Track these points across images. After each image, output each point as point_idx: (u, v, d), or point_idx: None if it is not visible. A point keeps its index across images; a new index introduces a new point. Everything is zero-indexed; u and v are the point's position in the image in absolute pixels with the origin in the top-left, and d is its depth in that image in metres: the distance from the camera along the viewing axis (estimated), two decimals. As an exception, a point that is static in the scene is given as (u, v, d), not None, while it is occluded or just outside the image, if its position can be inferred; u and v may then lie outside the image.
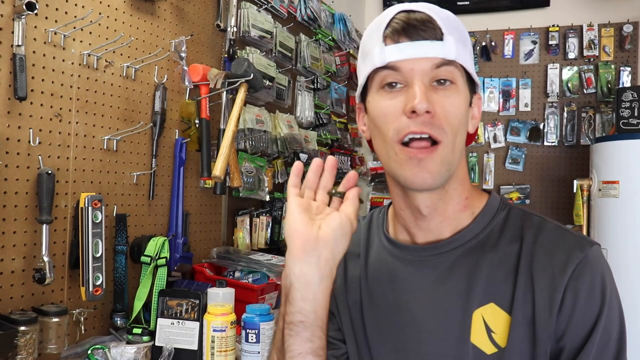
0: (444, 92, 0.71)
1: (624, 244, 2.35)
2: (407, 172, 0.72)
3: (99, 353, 1.34)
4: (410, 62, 0.71)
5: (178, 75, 1.79)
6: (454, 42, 0.71)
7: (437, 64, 0.71)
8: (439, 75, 0.71)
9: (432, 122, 0.70)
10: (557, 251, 0.73)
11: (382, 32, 0.73)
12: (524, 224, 0.77)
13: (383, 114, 0.73)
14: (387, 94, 0.73)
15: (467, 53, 0.75)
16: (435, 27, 0.72)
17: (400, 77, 0.72)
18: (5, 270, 1.24)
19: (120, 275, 1.51)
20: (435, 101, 0.70)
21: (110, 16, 1.53)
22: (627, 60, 3.11)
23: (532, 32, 3.27)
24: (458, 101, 0.73)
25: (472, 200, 0.80)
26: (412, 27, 0.71)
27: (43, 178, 1.28)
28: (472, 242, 0.78)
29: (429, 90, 0.71)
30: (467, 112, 0.75)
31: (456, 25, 0.75)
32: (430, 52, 0.70)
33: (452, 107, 0.71)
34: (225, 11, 2.01)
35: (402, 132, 0.71)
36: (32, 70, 1.30)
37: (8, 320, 1.17)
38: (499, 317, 0.74)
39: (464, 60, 0.73)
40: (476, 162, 3.31)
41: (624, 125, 2.54)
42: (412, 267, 0.80)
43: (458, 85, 0.73)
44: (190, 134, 1.80)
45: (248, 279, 1.79)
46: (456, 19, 0.76)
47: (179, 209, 1.77)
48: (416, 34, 0.71)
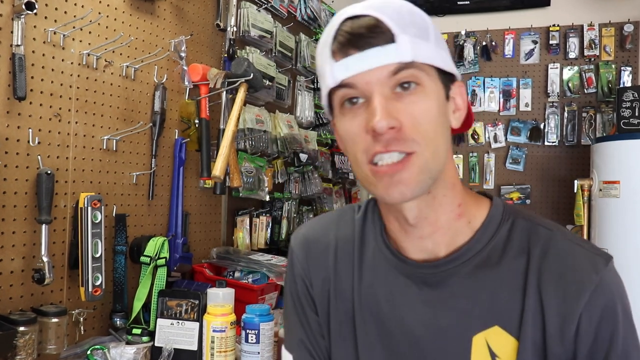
0: (409, 97, 0.65)
1: (624, 244, 2.35)
2: (381, 190, 0.66)
3: (99, 353, 1.34)
4: (365, 75, 0.64)
5: (178, 75, 1.79)
6: (409, 41, 0.64)
7: (394, 71, 0.64)
8: (400, 80, 0.65)
9: (398, 137, 0.64)
10: (569, 271, 0.68)
11: (329, 48, 0.67)
12: (530, 237, 0.71)
13: (349, 136, 0.68)
14: (349, 113, 0.67)
15: (430, 47, 0.67)
16: (385, 30, 0.64)
17: (358, 92, 0.66)
18: (5, 270, 1.24)
19: (119, 275, 1.50)
20: (400, 111, 0.64)
21: (109, 16, 1.53)
22: (628, 60, 3.10)
23: (533, 31, 3.27)
24: (427, 104, 0.66)
25: (468, 207, 0.73)
26: (359, 36, 0.64)
27: (42, 178, 1.28)
28: (474, 259, 0.71)
29: (392, 100, 0.64)
30: (442, 110, 0.68)
31: (412, 19, 0.67)
32: (383, 59, 0.63)
33: (420, 113, 0.65)
34: (225, 11, 2.01)
35: (370, 152, 0.65)
36: (32, 70, 1.30)
37: (7, 321, 1.17)
38: (504, 341, 0.69)
39: (426, 56, 0.66)
40: (477, 162, 3.31)
41: (625, 125, 2.53)
42: (410, 281, 0.74)
43: (425, 85, 0.66)
44: (190, 134, 1.80)
45: (248, 279, 1.79)
46: (412, 11, 0.68)
47: (178, 209, 1.76)
48: (364, 43, 0.64)
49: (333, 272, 0.81)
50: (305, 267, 0.83)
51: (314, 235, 0.85)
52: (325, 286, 0.81)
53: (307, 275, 0.83)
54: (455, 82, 0.72)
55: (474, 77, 3.33)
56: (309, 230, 0.86)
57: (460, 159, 3.34)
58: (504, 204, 0.76)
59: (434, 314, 0.72)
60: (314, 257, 0.83)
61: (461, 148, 3.34)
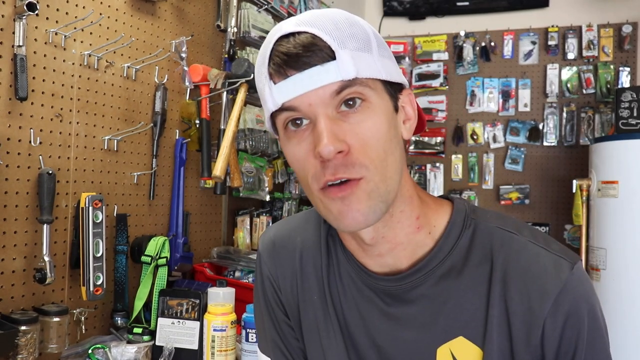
0: (355, 116, 0.61)
1: (623, 244, 2.36)
2: (334, 214, 0.63)
3: (100, 353, 1.34)
4: (306, 97, 0.60)
5: (178, 75, 1.79)
6: (349, 55, 0.60)
7: (337, 90, 0.60)
8: (344, 98, 0.61)
9: (346, 163, 0.60)
10: (533, 277, 0.66)
11: (266, 69, 0.63)
12: (493, 243, 0.69)
13: (297, 161, 0.64)
14: (295, 137, 0.63)
15: (373, 58, 0.63)
16: (323, 47, 0.60)
17: (301, 114, 0.62)
18: (6, 270, 1.24)
19: (120, 275, 1.51)
20: (347, 131, 0.61)
21: (110, 17, 1.54)
22: (626, 61, 3.11)
23: (532, 32, 3.27)
24: (374, 121, 0.62)
25: (427, 217, 0.70)
26: (295, 55, 0.60)
27: (44, 178, 1.29)
28: (437, 269, 0.69)
29: (337, 121, 0.61)
30: (392, 124, 0.64)
31: (351, 32, 0.62)
32: (324, 78, 0.59)
33: (368, 132, 0.61)
34: (226, 12, 2.01)
35: (320, 180, 0.62)
36: (33, 70, 1.31)
37: (9, 320, 1.17)
38: (469, 352, 0.67)
39: (369, 71, 0.62)
40: (476, 162, 3.32)
41: (623, 125, 2.54)
42: (373, 293, 0.72)
43: (371, 101, 0.62)
44: (190, 134, 1.81)
45: (248, 278, 1.80)
46: (350, 21, 0.63)
47: (179, 209, 1.77)
48: (302, 63, 0.60)
49: (300, 277, 0.79)
50: (273, 271, 0.81)
51: (280, 239, 0.82)
52: (293, 291, 0.80)
53: (275, 280, 0.81)
54: (403, 91, 0.68)
55: (473, 77, 3.34)
56: (276, 234, 0.84)
57: (459, 159, 3.34)
58: (466, 207, 0.73)
59: (397, 327, 0.71)
60: (281, 262, 0.81)
61: (460, 148, 3.35)
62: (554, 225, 3.15)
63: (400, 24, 3.51)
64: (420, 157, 3.40)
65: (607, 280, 2.37)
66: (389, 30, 3.53)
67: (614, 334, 2.23)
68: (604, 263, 2.40)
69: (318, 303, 0.77)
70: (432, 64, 3.40)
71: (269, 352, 0.83)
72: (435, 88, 3.39)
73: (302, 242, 0.80)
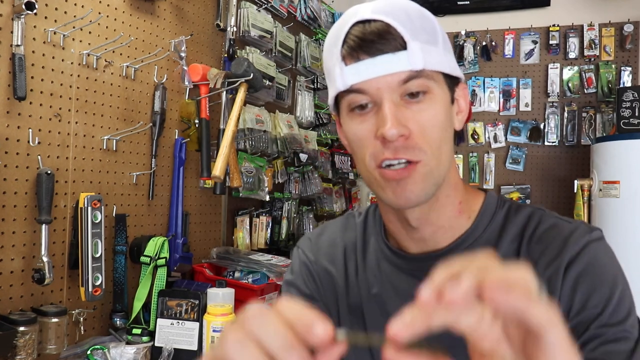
0: (417, 106, 0.66)
1: (624, 243, 2.35)
2: (389, 194, 0.68)
3: (99, 353, 1.34)
4: (375, 82, 0.64)
5: (178, 75, 1.79)
6: (419, 48, 0.64)
7: (405, 79, 0.64)
8: (409, 90, 0.65)
9: (407, 145, 0.65)
10: (554, 238, 0.69)
11: (339, 50, 0.67)
12: (524, 219, 0.73)
13: (357, 139, 0.69)
14: (358, 117, 0.68)
15: (439, 52, 0.67)
16: (396, 37, 0.64)
17: (368, 98, 0.66)
18: (5, 270, 1.24)
19: (119, 275, 1.50)
20: (409, 118, 0.65)
21: (109, 16, 1.53)
22: (628, 60, 3.10)
23: (533, 31, 3.27)
24: (435, 111, 0.66)
25: (467, 203, 0.75)
26: (370, 41, 0.64)
27: (42, 178, 1.28)
28: (473, 246, 0.72)
29: (401, 107, 0.65)
30: (449, 115, 0.69)
31: (421, 24, 0.66)
32: (394, 66, 0.63)
33: (429, 121, 0.66)
34: (225, 11, 2.01)
35: (379, 158, 0.66)
36: (32, 70, 1.30)
37: (7, 321, 1.17)
38: None
39: (435, 63, 0.66)
40: (476, 162, 3.31)
41: (625, 125, 2.53)
42: (411, 277, 0.75)
43: (433, 93, 0.67)
44: (190, 134, 1.80)
45: (248, 279, 1.79)
46: (422, 15, 0.68)
47: (178, 209, 1.76)
48: (375, 49, 0.64)
49: (343, 268, 0.82)
50: (314, 257, 0.85)
51: (322, 237, 0.87)
52: (331, 280, 0.83)
53: (314, 264, 0.84)
54: (459, 84, 0.72)
55: (474, 77, 3.33)
56: (318, 234, 0.88)
57: (460, 159, 3.34)
58: (499, 195, 0.79)
59: None
60: (323, 250, 0.85)
61: (461, 148, 3.34)
62: (555, 225, 3.15)
63: (401, 23, 3.50)
64: (420, 156, 3.39)
65: (609, 280, 2.37)
66: (390, 30, 3.52)
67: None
68: (605, 263, 2.39)
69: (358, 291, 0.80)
70: (433, 64, 3.39)
71: None
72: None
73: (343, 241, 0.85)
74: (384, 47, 0.64)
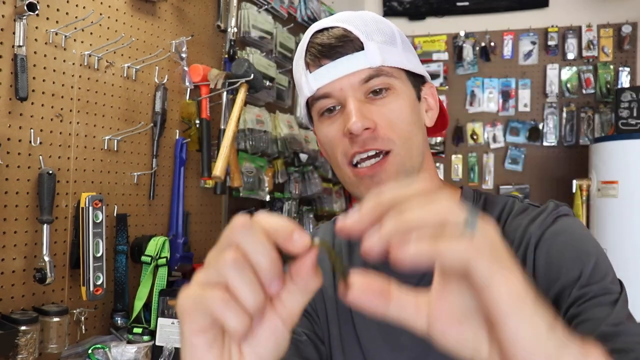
0: (381, 101, 0.69)
1: (622, 244, 2.36)
2: (363, 191, 0.70)
3: (100, 353, 1.34)
4: (338, 83, 0.68)
5: (178, 75, 1.79)
6: (376, 47, 0.68)
7: (366, 78, 0.68)
8: (372, 87, 0.69)
9: (374, 137, 0.68)
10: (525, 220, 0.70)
11: (303, 60, 0.72)
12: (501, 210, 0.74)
13: (328, 140, 0.72)
14: (327, 120, 0.72)
15: (397, 51, 0.71)
16: (353, 39, 0.68)
17: (334, 101, 0.70)
18: (6, 270, 1.24)
19: (120, 275, 1.51)
20: (374, 112, 0.68)
21: (111, 17, 1.54)
22: (626, 61, 3.11)
23: (531, 32, 3.28)
24: (399, 105, 0.69)
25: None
26: (329, 46, 0.69)
27: (44, 178, 1.29)
28: None
29: (365, 103, 0.68)
30: (415, 109, 0.72)
31: (378, 27, 0.71)
32: (354, 66, 0.68)
33: (393, 113, 0.69)
34: (226, 12, 2.01)
35: (349, 154, 0.69)
36: (33, 70, 1.31)
37: (9, 320, 1.18)
38: None
39: (394, 60, 0.70)
40: (476, 162, 3.32)
41: (623, 125, 2.54)
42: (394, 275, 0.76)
43: (396, 89, 0.70)
44: (190, 134, 1.81)
45: (248, 278, 1.79)
46: (377, 19, 0.73)
47: (179, 208, 1.77)
48: (335, 53, 0.68)
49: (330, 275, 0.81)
50: None
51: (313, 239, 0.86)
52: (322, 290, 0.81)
53: None
54: (425, 84, 0.76)
55: (473, 77, 3.34)
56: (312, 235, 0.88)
57: (459, 159, 3.34)
58: (473, 189, 0.80)
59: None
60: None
61: (460, 148, 3.35)
62: (554, 225, 3.16)
63: (400, 24, 3.52)
64: (420, 157, 3.40)
65: (607, 280, 2.37)
66: (389, 31, 3.53)
67: (614, 334, 2.23)
68: (603, 263, 2.40)
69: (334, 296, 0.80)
70: (432, 64, 3.40)
71: None
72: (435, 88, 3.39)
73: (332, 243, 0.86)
74: (342, 49, 0.68)
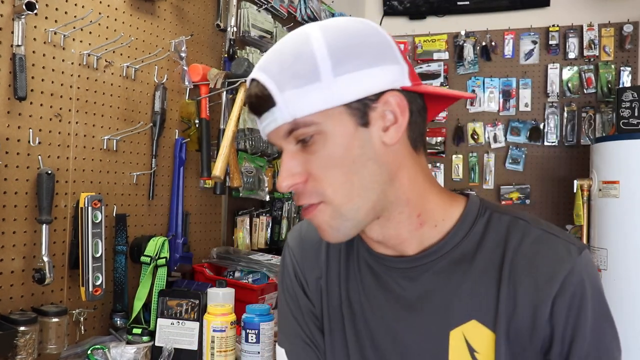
0: (311, 148, 0.66)
1: (624, 244, 2.35)
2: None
3: (99, 353, 1.34)
4: (271, 136, 0.69)
5: (178, 75, 1.79)
6: (289, 98, 0.63)
7: (288, 131, 0.66)
8: (297, 137, 0.66)
9: (304, 191, 0.67)
10: (542, 259, 0.68)
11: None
12: (509, 230, 0.71)
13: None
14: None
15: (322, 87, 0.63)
16: (267, 95, 0.65)
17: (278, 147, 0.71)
18: (5, 270, 1.24)
19: (120, 275, 1.50)
20: (306, 162, 0.66)
21: (110, 16, 1.53)
22: (628, 60, 3.11)
23: (532, 32, 3.27)
24: (329, 150, 0.65)
25: (432, 213, 0.72)
26: (251, 105, 0.68)
27: (43, 178, 1.28)
28: (447, 256, 0.71)
29: (297, 154, 0.67)
30: (355, 144, 0.65)
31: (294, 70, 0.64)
32: (273, 122, 0.66)
33: (324, 161, 0.65)
34: (225, 11, 2.01)
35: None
36: (32, 70, 1.30)
37: (8, 321, 1.17)
38: (482, 335, 0.69)
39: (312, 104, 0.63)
40: (476, 162, 3.31)
41: (624, 125, 2.54)
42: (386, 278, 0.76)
43: (323, 132, 0.64)
44: (190, 134, 1.80)
45: (248, 279, 1.79)
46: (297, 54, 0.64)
47: (178, 209, 1.77)
48: (257, 111, 0.68)
49: (325, 271, 0.82)
50: (301, 264, 0.85)
51: (309, 234, 0.86)
52: (318, 284, 0.82)
53: (302, 272, 0.84)
54: (382, 96, 0.66)
55: (474, 77, 3.33)
56: (305, 229, 0.87)
57: (460, 159, 3.34)
58: (480, 200, 0.75)
59: (411, 311, 0.73)
60: (308, 256, 0.84)
61: (461, 148, 3.35)
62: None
63: (401, 23, 3.51)
64: (420, 157, 3.39)
65: (608, 280, 2.37)
66: (390, 30, 3.50)
67: (615, 335, 2.21)
68: (605, 263, 2.39)
69: (338, 293, 0.80)
70: (433, 64, 3.39)
71: (287, 344, 0.84)
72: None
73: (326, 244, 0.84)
74: (260, 108, 0.67)
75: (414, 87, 0.69)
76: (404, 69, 0.68)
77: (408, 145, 0.70)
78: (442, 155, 3.36)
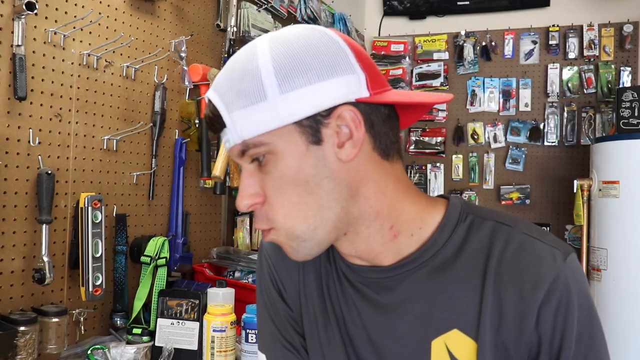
0: (264, 169, 0.64)
1: (624, 244, 2.35)
2: None
3: (99, 353, 1.34)
4: (230, 153, 0.67)
5: (178, 75, 1.79)
6: (236, 119, 0.62)
7: (241, 150, 0.65)
8: (251, 157, 0.65)
9: (259, 215, 0.67)
10: (526, 266, 0.66)
11: None
12: (492, 236, 0.68)
13: None
14: None
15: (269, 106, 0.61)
16: (217, 116, 0.64)
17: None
18: (5, 270, 1.24)
19: (120, 275, 1.50)
20: (261, 182, 0.65)
21: (110, 16, 1.53)
22: (628, 60, 3.11)
23: (532, 32, 3.27)
24: (280, 170, 0.63)
25: (407, 223, 0.69)
26: (207, 124, 0.68)
27: (43, 178, 1.28)
28: (426, 264, 0.69)
29: (254, 173, 0.66)
30: (307, 163, 0.63)
31: (240, 88, 0.62)
32: (228, 141, 0.65)
33: (277, 182, 0.64)
34: (225, 11, 2.01)
35: None
36: (32, 70, 1.30)
37: (8, 321, 1.17)
38: (464, 344, 0.67)
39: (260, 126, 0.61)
40: (476, 162, 3.31)
41: (624, 125, 2.54)
42: (365, 288, 0.73)
43: (275, 152, 0.63)
44: (190, 134, 1.80)
45: (248, 279, 1.79)
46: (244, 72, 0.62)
47: (178, 209, 1.77)
48: (214, 130, 0.67)
49: (302, 275, 0.80)
50: (277, 268, 0.82)
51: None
52: (295, 288, 0.80)
53: (278, 276, 0.82)
54: (335, 111, 0.63)
55: (474, 77, 3.33)
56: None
57: (460, 159, 3.34)
58: (462, 204, 0.72)
59: (392, 321, 0.71)
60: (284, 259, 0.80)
61: (461, 148, 3.35)
62: (555, 226, 3.15)
63: (401, 23, 3.51)
64: (420, 157, 3.39)
65: (608, 280, 2.37)
66: (390, 30, 3.53)
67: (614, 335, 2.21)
68: (605, 263, 2.39)
69: (317, 299, 0.78)
70: (433, 64, 3.39)
71: (267, 349, 0.82)
72: (436, 88, 3.38)
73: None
74: (214, 128, 0.67)
75: (373, 97, 0.64)
76: (361, 79, 0.64)
77: (375, 157, 0.66)
78: (442, 155, 3.36)
